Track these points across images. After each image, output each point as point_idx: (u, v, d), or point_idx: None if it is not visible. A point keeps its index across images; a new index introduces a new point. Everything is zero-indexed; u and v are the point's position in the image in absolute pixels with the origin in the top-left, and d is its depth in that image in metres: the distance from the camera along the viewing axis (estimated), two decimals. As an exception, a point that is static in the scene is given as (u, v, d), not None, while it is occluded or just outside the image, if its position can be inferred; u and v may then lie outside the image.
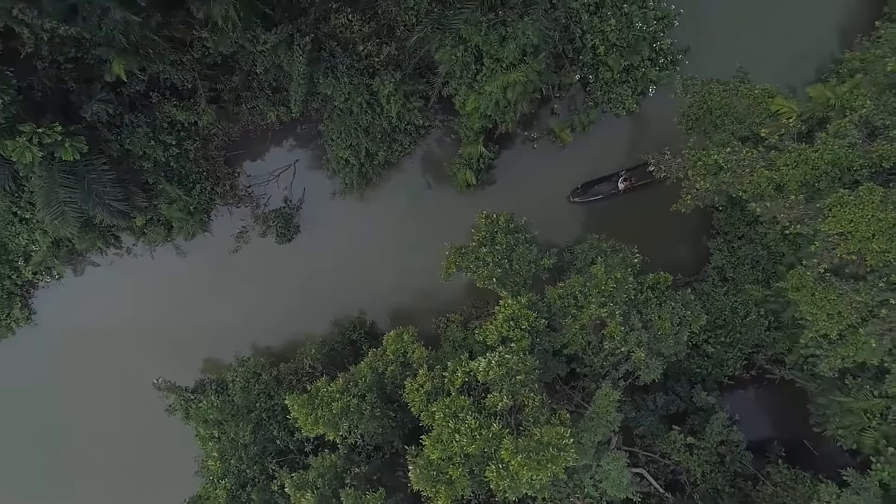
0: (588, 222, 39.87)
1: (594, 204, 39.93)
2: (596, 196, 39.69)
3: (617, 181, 39.27)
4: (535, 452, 21.73)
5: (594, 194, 39.64)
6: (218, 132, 40.12)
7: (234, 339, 41.30)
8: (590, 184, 39.80)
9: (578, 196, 39.83)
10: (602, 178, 39.72)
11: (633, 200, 39.50)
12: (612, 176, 39.53)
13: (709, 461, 33.36)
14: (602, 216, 40.01)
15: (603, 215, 39.99)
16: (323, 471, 25.15)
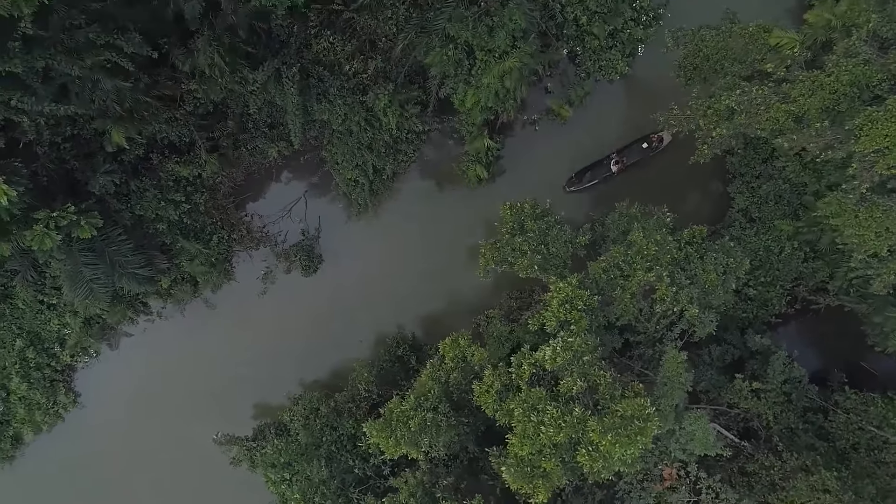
0: (601, 200, 39.75)
1: (592, 189, 39.66)
2: (591, 182, 39.46)
3: (609, 164, 39.09)
4: (622, 428, 21.69)
5: (589, 181, 39.44)
6: (223, 180, 40.04)
7: (280, 380, 41.17)
8: (582, 171, 39.61)
9: (573, 185, 39.62)
10: (593, 164, 39.52)
11: (629, 179, 39.26)
12: (603, 160, 39.36)
13: (777, 402, 33.29)
14: (610, 194, 39.87)
15: (609, 193, 39.86)
16: (412, 489, 25.11)
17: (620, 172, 39.13)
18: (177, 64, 34.68)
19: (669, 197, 36.90)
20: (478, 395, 25.57)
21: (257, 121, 38.67)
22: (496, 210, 39.51)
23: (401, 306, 41.52)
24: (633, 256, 27.50)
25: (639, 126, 39.19)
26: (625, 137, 39.73)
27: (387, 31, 37.24)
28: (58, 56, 28.04)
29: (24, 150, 32.31)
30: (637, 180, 39.04)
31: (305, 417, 34.99)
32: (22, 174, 28.91)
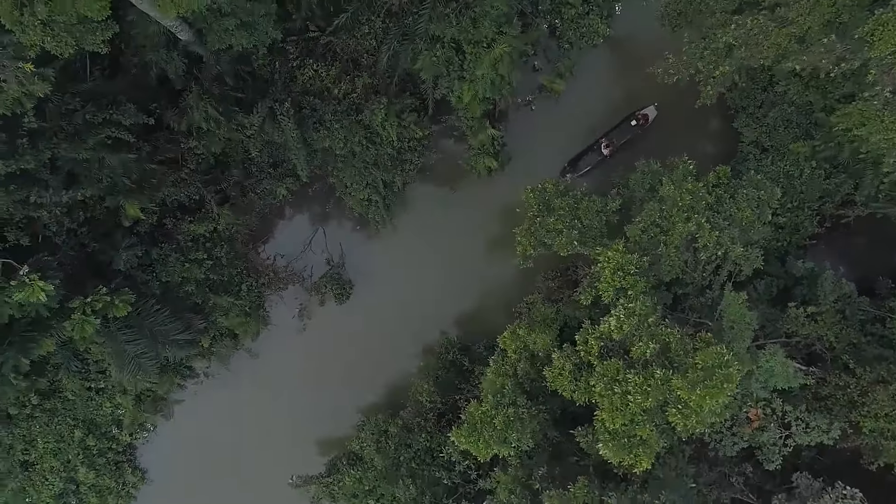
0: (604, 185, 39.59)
1: (587, 176, 39.53)
2: (586, 168, 39.31)
3: (600, 148, 38.97)
4: (707, 380, 21.69)
5: (583, 167, 39.30)
6: (239, 229, 39.96)
7: (338, 411, 41.07)
8: (575, 160, 39.49)
9: (568, 174, 39.47)
10: (584, 151, 39.36)
11: (624, 156, 38.79)
12: (593, 145, 39.19)
13: (834, 321, 33.24)
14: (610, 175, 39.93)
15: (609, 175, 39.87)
16: (510, 486, 25.09)
17: (613, 154, 38.98)
18: (172, 125, 34.68)
19: (673, 154, 36.99)
20: (552, 380, 25.57)
21: (260, 163, 38.62)
22: (512, 197, 39.69)
23: (437, 312, 41.48)
24: (669, 210, 27.49)
25: (633, 89, 39.27)
26: (620, 105, 39.61)
27: (367, 47, 37.23)
28: (61, 144, 28.02)
29: (44, 244, 32.21)
30: (633, 155, 38.53)
31: (376, 441, 34.96)
32: (53, 267, 28.85)
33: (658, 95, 38.84)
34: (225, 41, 31.56)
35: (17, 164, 24.65)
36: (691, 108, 33.35)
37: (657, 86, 38.02)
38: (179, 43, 32.72)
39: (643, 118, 38.75)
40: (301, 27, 36.53)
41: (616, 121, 39.44)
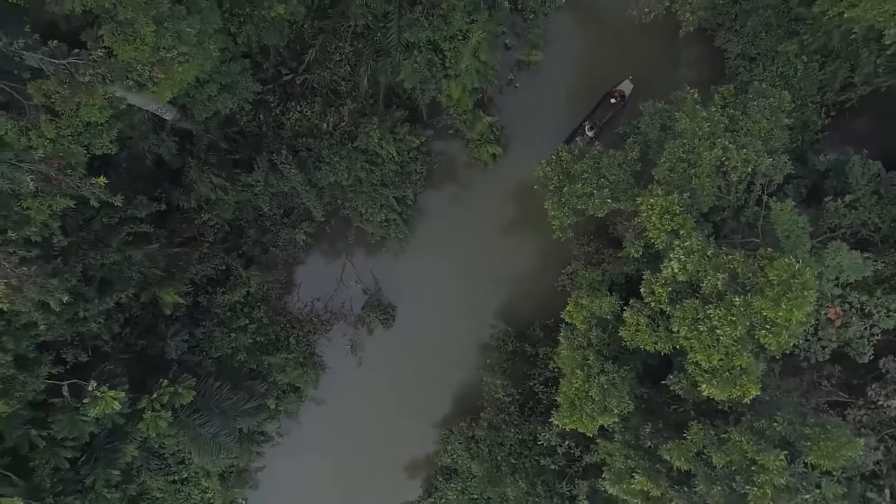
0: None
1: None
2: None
3: (584, 130, 38.89)
4: (788, 292, 21.73)
5: None
6: (270, 285, 39.93)
7: (414, 431, 41.19)
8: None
9: None
10: (569, 137, 39.20)
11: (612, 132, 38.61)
12: (578, 129, 39.13)
13: (872, 204, 33.25)
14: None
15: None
16: (623, 451, 25.06)
17: (598, 135, 38.95)
18: (181, 204, 34.63)
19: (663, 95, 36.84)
20: (629, 338, 25.58)
21: (273, 217, 38.59)
22: (524, 176, 39.95)
23: (481, 308, 41.54)
24: (691, 142, 27.49)
25: (606, 42, 39.35)
26: (597, 63, 39.58)
27: (343, 74, 37.18)
28: (88, 253, 27.95)
29: (95, 355, 32.11)
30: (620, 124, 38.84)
31: (467, 449, 34.97)
32: (117, 374, 28.82)
33: (632, 57, 39.04)
34: (210, 108, 31.52)
35: (65, 284, 24.56)
36: (667, 46, 33.51)
37: (628, 39, 38.69)
38: (166, 124, 32.65)
39: (620, 95, 38.72)
40: (274, 74, 36.45)
41: (596, 97, 39.27)
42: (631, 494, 24.59)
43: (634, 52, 39.17)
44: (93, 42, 20.60)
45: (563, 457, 30.26)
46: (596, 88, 39.76)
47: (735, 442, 22.26)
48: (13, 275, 20.79)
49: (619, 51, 39.32)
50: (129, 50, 20.23)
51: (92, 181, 21.93)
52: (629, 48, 39.01)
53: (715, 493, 22.22)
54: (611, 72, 39.42)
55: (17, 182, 20.08)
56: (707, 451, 23.12)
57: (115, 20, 20.10)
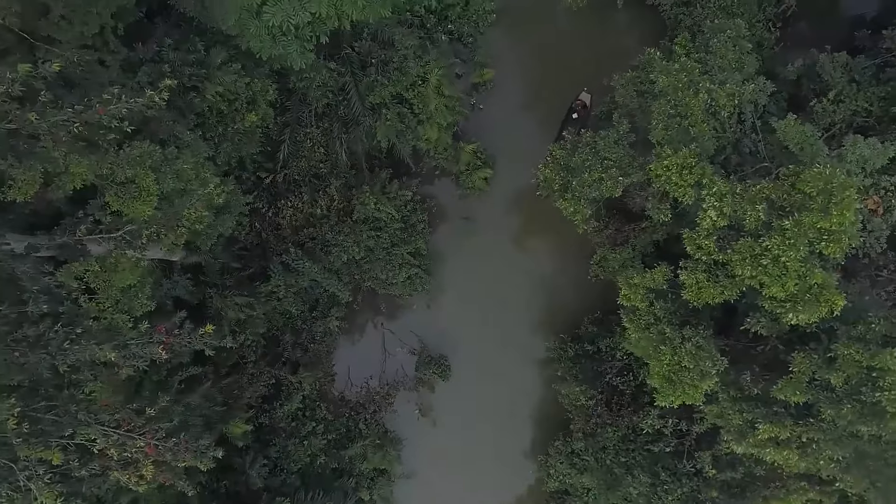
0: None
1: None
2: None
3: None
4: (832, 197, 22.00)
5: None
6: (321, 382, 39.54)
7: (508, 470, 40.55)
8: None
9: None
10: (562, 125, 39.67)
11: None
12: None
13: (853, 92, 33.86)
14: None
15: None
16: (738, 408, 24.70)
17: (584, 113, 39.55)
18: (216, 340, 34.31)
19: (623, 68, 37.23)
20: (694, 297, 25.57)
21: (302, 315, 38.41)
22: (521, 187, 40.43)
23: (523, 326, 41.44)
24: (675, 96, 27.93)
25: (551, 40, 40.38)
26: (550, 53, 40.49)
27: (319, 156, 37.54)
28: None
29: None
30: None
31: (572, 466, 34.38)
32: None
33: (578, 40, 40.06)
34: (212, 235, 31.52)
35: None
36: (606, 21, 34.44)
37: (569, 27, 39.67)
38: (175, 265, 32.61)
39: (581, 105, 39.41)
40: (255, 181, 36.74)
41: (558, 92, 39.82)
42: (760, 446, 24.25)
43: (579, 37, 40.19)
44: (100, 211, 20.68)
45: (671, 436, 29.86)
46: (554, 79, 40.59)
47: (844, 356, 22.15)
48: (166, 449, 20.40)
49: (564, 40, 40.29)
50: (138, 206, 20.34)
51: (200, 332, 21.75)
52: (573, 35, 40.00)
53: (845, 412, 22.01)
54: (563, 59, 40.36)
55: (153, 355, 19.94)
56: (818, 375, 22.96)
57: (115, 183, 20.24)
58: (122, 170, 19.75)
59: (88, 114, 15.85)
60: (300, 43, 22.94)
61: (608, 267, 35.40)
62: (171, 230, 20.80)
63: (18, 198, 17.30)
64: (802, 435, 23.57)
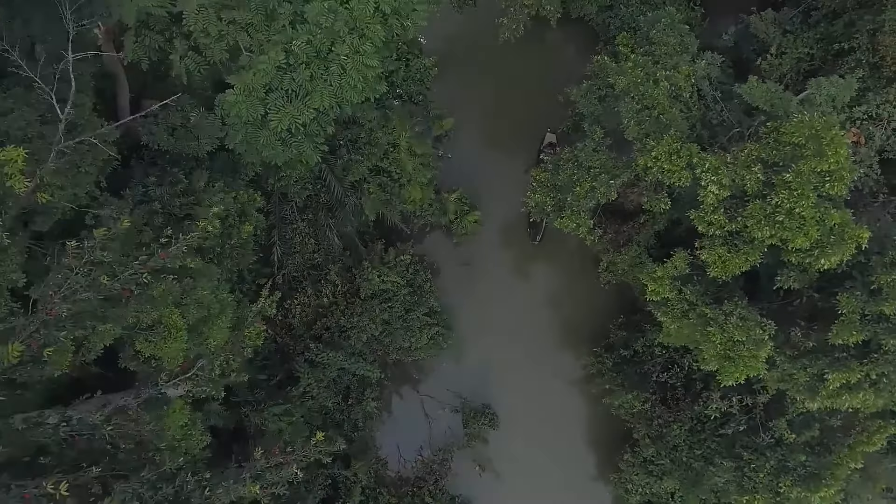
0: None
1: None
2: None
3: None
4: (821, 141, 22.72)
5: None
6: (374, 468, 38.56)
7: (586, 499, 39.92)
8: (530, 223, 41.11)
9: (537, 235, 41.08)
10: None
11: None
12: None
13: (796, 43, 35.23)
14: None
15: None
16: (801, 365, 24.62)
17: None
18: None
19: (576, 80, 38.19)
20: (720, 271, 25.89)
21: (338, 406, 37.62)
22: (511, 218, 40.95)
23: (553, 351, 41.38)
24: (638, 93, 28.86)
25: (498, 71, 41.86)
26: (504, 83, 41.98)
27: (311, 248, 37.42)
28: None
29: None
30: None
31: (648, 474, 33.85)
32: None
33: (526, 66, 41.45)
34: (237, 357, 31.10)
35: None
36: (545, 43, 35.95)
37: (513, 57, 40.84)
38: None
39: (549, 145, 40.68)
40: (255, 289, 36.41)
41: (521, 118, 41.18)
42: (834, 396, 24.20)
43: (523, 63, 41.50)
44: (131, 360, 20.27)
45: (740, 413, 29.63)
46: (511, 108, 41.82)
47: (889, 283, 22.48)
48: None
49: (511, 69, 41.58)
50: (169, 345, 20.02)
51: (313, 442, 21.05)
52: (516, 63, 41.28)
53: (907, 339, 22.27)
54: (515, 87, 41.60)
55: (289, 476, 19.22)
56: (868, 310, 23.20)
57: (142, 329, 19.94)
58: (146, 314, 19.51)
59: (153, 261, 16.04)
60: (310, 139, 23.53)
61: (618, 270, 35.73)
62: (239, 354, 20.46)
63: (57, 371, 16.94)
64: (871, 372, 23.65)
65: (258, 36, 21.19)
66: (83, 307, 15.31)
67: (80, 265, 15.04)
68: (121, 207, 21.91)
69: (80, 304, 14.97)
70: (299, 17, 20.48)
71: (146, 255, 16.03)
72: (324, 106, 21.40)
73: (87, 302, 15.23)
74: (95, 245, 14.90)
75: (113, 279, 15.33)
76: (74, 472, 15.19)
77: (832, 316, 24.95)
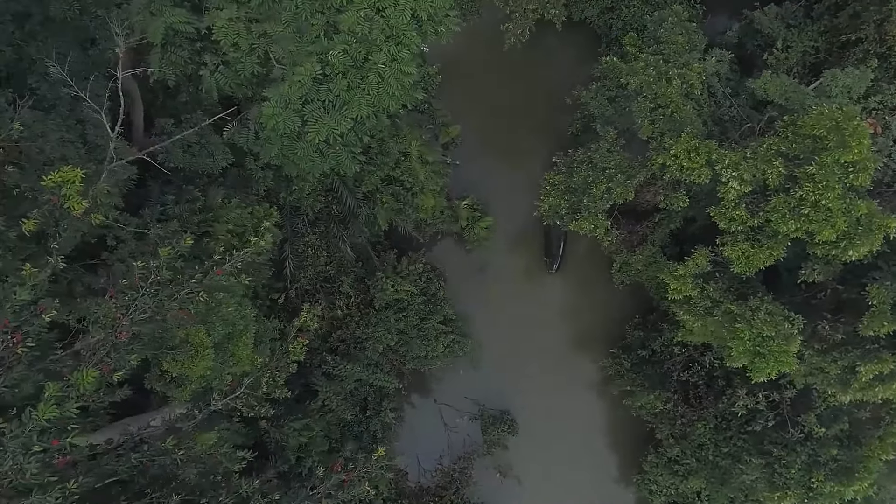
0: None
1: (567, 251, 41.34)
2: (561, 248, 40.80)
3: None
4: (842, 132, 22.64)
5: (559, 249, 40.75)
6: (393, 479, 38.16)
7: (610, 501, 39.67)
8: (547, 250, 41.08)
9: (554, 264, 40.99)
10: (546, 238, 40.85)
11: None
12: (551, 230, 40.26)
13: (799, 36, 35.31)
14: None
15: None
16: (833, 358, 24.49)
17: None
18: (281, 468, 33.04)
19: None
20: (743, 267, 25.76)
21: (356, 418, 37.28)
22: (524, 224, 40.76)
23: (571, 353, 41.21)
24: (649, 90, 28.78)
25: (503, 79, 41.64)
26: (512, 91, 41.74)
27: (324, 261, 37.02)
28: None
29: None
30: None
31: (674, 474, 33.55)
32: None
33: (528, 70, 41.38)
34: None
35: None
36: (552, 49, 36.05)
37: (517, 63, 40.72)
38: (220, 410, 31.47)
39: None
40: (271, 304, 36.12)
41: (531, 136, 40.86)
42: (866, 388, 24.04)
43: (528, 68, 41.47)
44: (157, 380, 19.94)
45: (767, 408, 29.41)
46: (517, 111, 41.74)
47: (920, 271, 22.48)
48: None
49: (516, 74, 41.53)
50: (196, 364, 19.70)
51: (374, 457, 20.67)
52: (521, 68, 41.22)
53: (941, 323, 22.14)
54: (520, 91, 41.62)
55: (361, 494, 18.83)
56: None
57: (168, 349, 19.63)
58: (172, 333, 19.20)
59: (209, 278, 15.69)
60: (348, 150, 23.16)
61: (631, 270, 35.58)
62: (284, 370, 20.06)
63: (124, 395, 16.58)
64: (900, 362, 23.57)
65: (290, 48, 20.89)
66: (147, 328, 14.99)
67: (147, 286, 14.71)
68: (139, 227, 21.54)
69: (144, 325, 14.66)
70: (332, 27, 20.18)
71: (201, 273, 15.64)
72: (361, 115, 21.09)
73: (151, 323, 14.92)
74: (162, 265, 14.57)
75: (171, 299, 15.02)
76: (142, 498, 14.83)
77: (858, 307, 24.83)
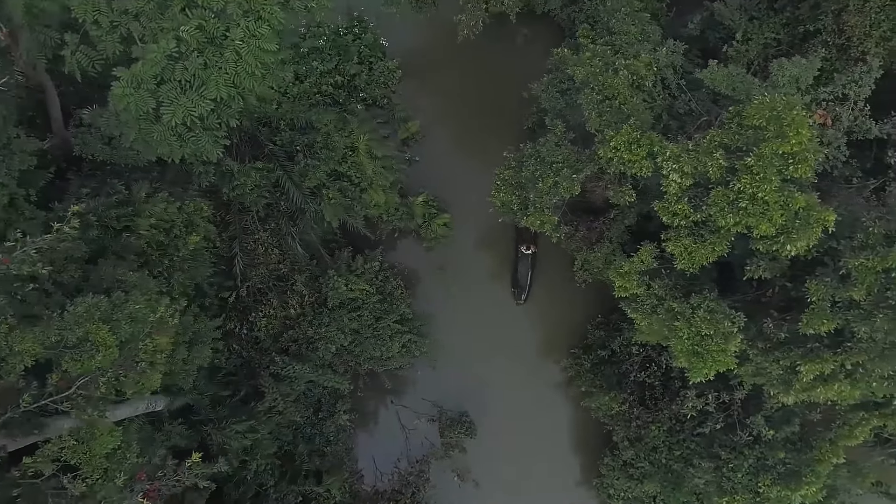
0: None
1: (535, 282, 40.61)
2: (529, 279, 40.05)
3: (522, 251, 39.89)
4: (782, 122, 21.79)
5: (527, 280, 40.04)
6: (348, 482, 37.25)
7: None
8: (514, 281, 40.25)
9: (522, 295, 40.16)
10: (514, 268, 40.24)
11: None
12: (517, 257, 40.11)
13: (757, 27, 34.48)
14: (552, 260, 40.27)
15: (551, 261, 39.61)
16: (775, 358, 23.56)
17: (536, 250, 39.98)
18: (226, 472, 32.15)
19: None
20: (687, 264, 24.95)
21: (309, 420, 36.44)
22: (482, 220, 39.84)
23: (532, 354, 40.37)
24: (597, 83, 27.95)
25: (463, 72, 40.93)
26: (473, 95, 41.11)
27: (275, 259, 36.33)
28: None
29: None
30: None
31: (629, 477, 32.65)
32: None
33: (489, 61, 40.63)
34: (191, 371, 29.87)
35: None
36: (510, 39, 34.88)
37: (475, 55, 39.96)
38: (161, 414, 30.68)
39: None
40: (219, 303, 35.26)
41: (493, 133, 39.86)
42: (808, 389, 23.13)
43: (487, 62, 40.73)
44: (55, 380, 19.01)
45: (717, 411, 28.50)
46: (478, 107, 40.92)
47: (857, 268, 21.45)
48: None
49: (475, 69, 40.77)
50: (97, 361, 18.81)
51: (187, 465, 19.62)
52: (480, 62, 40.47)
53: (879, 323, 21.13)
54: (480, 86, 40.80)
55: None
56: (838, 297, 22.17)
57: (69, 347, 18.77)
58: (71, 331, 18.35)
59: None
60: (210, 133, 21.73)
61: (593, 268, 34.73)
62: (130, 370, 19.02)
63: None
64: (846, 362, 22.58)
65: (151, 25, 19.65)
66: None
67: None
68: (50, 221, 20.67)
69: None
70: (193, 3, 19.05)
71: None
72: (221, 96, 19.87)
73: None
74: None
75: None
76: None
77: (805, 306, 23.92)
